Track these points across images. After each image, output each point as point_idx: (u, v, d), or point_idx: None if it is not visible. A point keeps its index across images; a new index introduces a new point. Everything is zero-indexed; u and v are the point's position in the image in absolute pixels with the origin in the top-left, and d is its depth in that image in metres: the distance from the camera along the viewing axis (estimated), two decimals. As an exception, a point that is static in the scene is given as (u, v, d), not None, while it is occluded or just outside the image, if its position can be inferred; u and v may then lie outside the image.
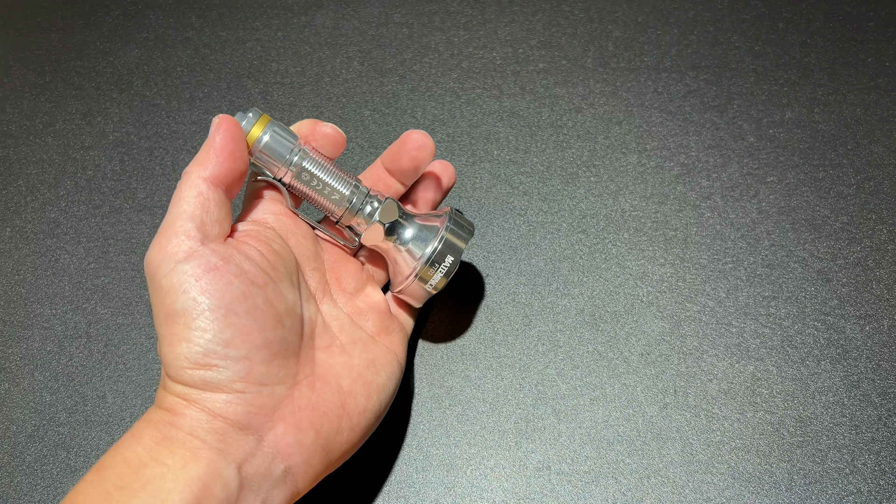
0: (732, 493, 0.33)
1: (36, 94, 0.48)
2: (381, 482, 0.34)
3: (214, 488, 0.25)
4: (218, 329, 0.26)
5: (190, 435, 0.26)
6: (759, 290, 0.38)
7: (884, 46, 0.46)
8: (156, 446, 0.26)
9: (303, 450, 0.28)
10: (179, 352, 0.26)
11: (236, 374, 0.26)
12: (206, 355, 0.26)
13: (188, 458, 0.25)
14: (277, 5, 0.51)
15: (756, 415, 0.35)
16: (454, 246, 0.32)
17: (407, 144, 0.33)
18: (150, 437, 0.26)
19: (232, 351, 0.26)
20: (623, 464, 0.34)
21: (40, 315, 0.39)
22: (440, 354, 0.37)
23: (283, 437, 0.27)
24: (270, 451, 0.27)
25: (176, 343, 0.26)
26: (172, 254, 0.27)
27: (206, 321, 0.26)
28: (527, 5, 0.50)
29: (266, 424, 0.27)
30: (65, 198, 0.44)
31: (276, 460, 0.27)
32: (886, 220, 0.40)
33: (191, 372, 0.26)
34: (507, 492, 0.33)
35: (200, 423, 0.26)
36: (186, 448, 0.26)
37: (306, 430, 0.28)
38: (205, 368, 0.26)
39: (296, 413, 0.28)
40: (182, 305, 0.26)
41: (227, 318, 0.26)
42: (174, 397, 0.27)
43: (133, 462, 0.25)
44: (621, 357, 0.36)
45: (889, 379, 0.35)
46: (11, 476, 0.35)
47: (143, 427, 0.27)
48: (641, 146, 0.43)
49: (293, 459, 0.28)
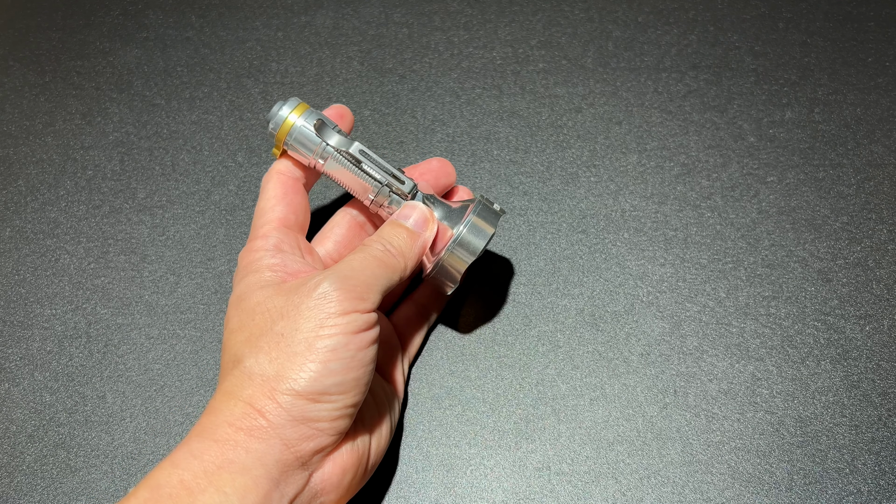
0: (732, 493, 0.33)
1: (36, 94, 0.48)
2: (382, 482, 0.34)
3: None
4: (344, 379, 0.27)
5: (259, 462, 0.26)
6: (759, 290, 0.38)
7: (884, 46, 0.46)
8: (217, 471, 0.25)
9: (340, 489, 0.29)
10: (300, 376, 0.27)
11: (330, 416, 0.27)
12: (322, 392, 0.27)
13: (249, 487, 0.25)
14: (277, 5, 0.51)
15: (756, 415, 0.35)
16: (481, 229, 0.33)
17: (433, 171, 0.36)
18: (213, 460, 0.26)
19: (342, 399, 0.27)
20: (623, 464, 0.34)
21: (40, 315, 0.39)
22: (440, 354, 0.37)
23: (329, 477, 0.28)
24: (315, 488, 0.28)
25: (303, 369, 0.27)
26: (359, 302, 0.28)
27: (340, 367, 0.27)
28: (527, 5, 0.50)
29: (319, 463, 0.28)
30: (65, 198, 0.44)
31: (316, 497, 0.28)
32: (886, 220, 0.40)
33: (294, 399, 0.27)
34: (507, 492, 0.33)
35: (273, 451, 0.26)
36: (250, 476, 0.26)
37: (348, 472, 0.29)
38: (312, 402, 0.27)
39: (343, 456, 0.29)
40: (333, 345, 0.27)
41: (356, 372, 0.28)
42: (258, 417, 0.26)
43: (191, 486, 0.25)
44: (621, 357, 0.36)
45: (889, 379, 0.35)
46: (11, 476, 0.35)
47: (208, 447, 0.26)
48: (641, 146, 0.43)
49: (329, 497, 0.28)
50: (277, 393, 0.27)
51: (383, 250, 0.30)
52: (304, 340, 0.27)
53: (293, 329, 0.27)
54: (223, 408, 0.27)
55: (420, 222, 0.32)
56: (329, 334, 0.27)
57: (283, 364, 0.27)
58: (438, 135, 0.44)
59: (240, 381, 0.27)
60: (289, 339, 0.27)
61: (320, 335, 0.27)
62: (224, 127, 0.46)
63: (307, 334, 0.27)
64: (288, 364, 0.27)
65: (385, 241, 0.31)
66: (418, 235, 0.32)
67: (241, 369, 0.28)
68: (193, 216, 0.42)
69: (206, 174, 0.44)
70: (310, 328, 0.27)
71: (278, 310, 0.28)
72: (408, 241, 0.31)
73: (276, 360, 0.27)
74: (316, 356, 0.27)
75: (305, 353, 0.27)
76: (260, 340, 0.28)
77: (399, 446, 0.35)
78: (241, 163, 0.44)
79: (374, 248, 0.30)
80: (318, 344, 0.27)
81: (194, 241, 0.41)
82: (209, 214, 0.42)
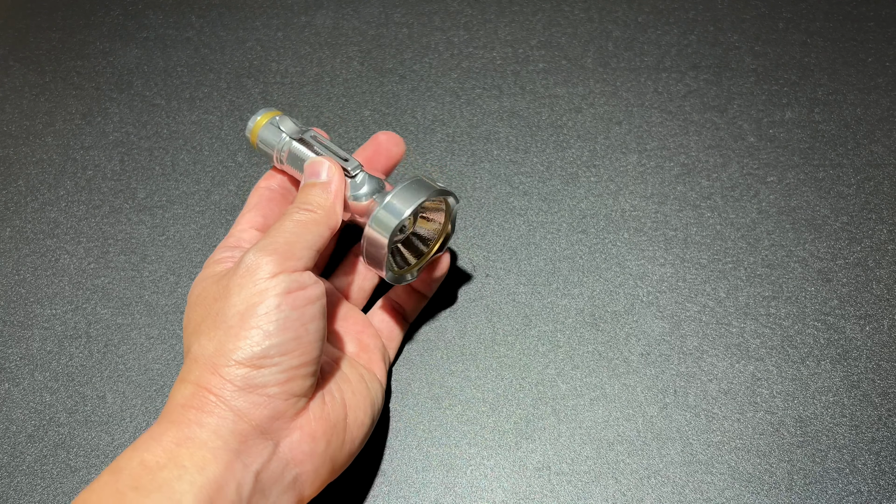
0: (732, 493, 0.33)
1: (36, 94, 0.48)
2: (382, 482, 0.34)
3: (228, 490, 0.26)
4: (283, 339, 0.28)
5: (214, 434, 0.26)
6: (759, 290, 0.38)
7: (884, 46, 0.46)
8: (176, 448, 0.26)
9: (314, 458, 0.29)
10: (237, 346, 0.27)
11: (277, 379, 0.27)
12: (262, 357, 0.27)
13: (208, 459, 0.26)
14: (277, 5, 0.51)
15: (756, 415, 0.35)
16: (406, 198, 0.32)
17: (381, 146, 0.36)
18: (172, 439, 0.26)
19: (286, 360, 0.28)
20: (623, 464, 0.34)
21: (40, 315, 0.39)
22: (440, 354, 0.37)
23: (298, 444, 0.28)
24: (285, 457, 0.28)
25: (240, 338, 0.27)
26: (285, 262, 0.29)
27: (276, 329, 0.27)
28: (527, 5, 0.50)
29: (284, 431, 0.28)
30: (65, 198, 0.44)
31: (288, 467, 0.28)
32: (886, 220, 0.40)
33: (235, 370, 0.27)
34: (507, 492, 0.33)
35: (226, 422, 0.27)
36: (207, 449, 0.26)
37: (319, 440, 0.29)
38: (255, 368, 0.27)
39: (311, 423, 0.29)
40: (265, 309, 0.28)
41: (296, 331, 0.28)
42: (206, 394, 0.27)
43: (150, 464, 0.26)
44: (621, 357, 0.36)
45: (889, 379, 0.35)
46: (11, 476, 0.35)
47: (166, 428, 0.27)
48: (641, 146, 0.43)
49: (304, 467, 0.28)
50: (220, 367, 0.27)
51: (300, 211, 0.31)
52: (237, 314, 0.28)
53: (226, 306, 0.28)
54: (176, 394, 0.28)
55: (324, 172, 0.33)
56: (259, 301, 0.28)
57: (221, 340, 0.28)
58: (438, 135, 0.44)
59: (188, 366, 0.28)
60: (223, 316, 0.28)
61: (251, 303, 0.28)
62: (224, 127, 0.46)
63: (239, 307, 0.28)
64: (225, 339, 0.27)
65: (300, 204, 0.31)
66: (329, 183, 0.32)
67: (189, 357, 0.28)
68: (193, 216, 0.42)
69: (206, 174, 0.44)
70: (241, 300, 0.28)
71: (213, 295, 0.29)
72: (321, 194, 0.32)
73: (214, 338, 0.28)
74: (249, 323, 0.27)
75: (240, 324, 0.27)
76: (201, 326, 0.29)
77: (399, 446, 0.35)
78: (241, 163, 0.44)
79: (291, 214, 0.31)
80: (251, 312, 0.28)
81: (194, 241, 0.41)
82: (209, 214, 0.42)
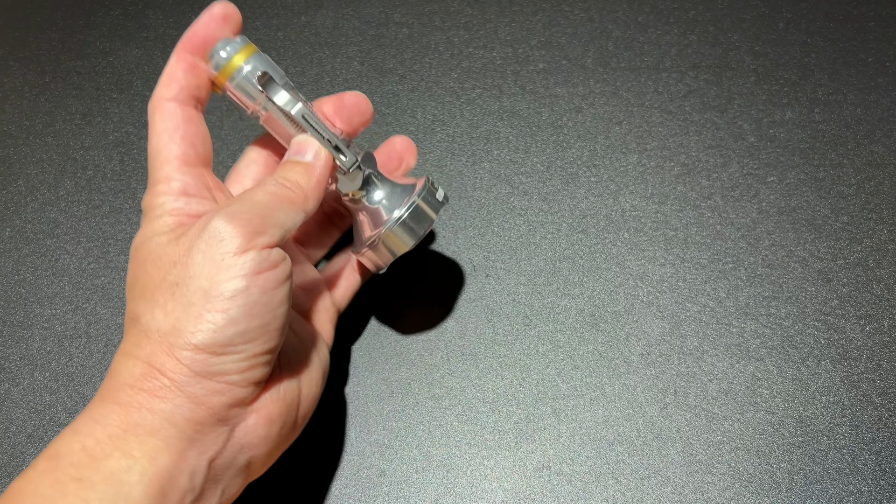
0: (732, 493, 0.33)
1: (36, 94, 0.48)
2: (382, 482, 0.34)
3: (181, 480, 0.24)
4: (249, 327, 0.25)
5: (167, 422, 0.24)
6: (760, 290, 0.38)
7: (884, 46, 0.46)
8: (123, 434, 0.24)
9: (269, 442, 0.27)
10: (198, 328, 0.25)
11: (239, 367, 0.25)
12: (225, 345, 0.25)
13: (160, 448, 0.24)
14: (277, 5, 0.51)
15: (756, 415, 0.35)
16: (424, 215, 0.31)
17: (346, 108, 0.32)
18: (118, 424, 0.24)
19: (249, 348, 0.25)
20: (623, 464, 0.34)
21: (40, 315, 0.39)
22: (440, 354, 0.37)
23: (253, 429, 0.26)
24: (239, 442, 0.26)
25: (201, 320, 0.25)
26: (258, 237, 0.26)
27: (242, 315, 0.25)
28: (527, 5, 0.50)
29: (240, 416, 0.26)
30: (65, 198, 0.44)
31: (242, 451, 0.26)
32: (886, 220, 0.40)
33: (194, 354, 0.24)
34: (507, 492, 0.33)
35: (181, 409, 0.24)
36: (160, 437, 0.24)
37: (275, 422, 0.27)
38: (215, 355, 0.25)
39: (268, 405, 0.27)
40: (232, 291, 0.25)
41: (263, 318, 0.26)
42: (159, 376, 0.24)
43: (95, 451, 0.23)
44: (621, 357, 0.36)
45: (889, 379, 0.35)
46: (11, 476, 0.35)
47: (110, 409, 0.24)
48: (641, 146, 0.43)
49: (258, 451, 0.27)
50: (176, 349, 0.24)
51: (278, 185, 0.28)
52: (199, 289, 0.25)
53: (187, 276, 0.25)
54: (122, 369, 0.25)
55: (310, 153, 0.30)
56: (226, 278, 0.25)
57: (179, 317, 0.25)
58: (438, 135, 0.44)
59: (137, 339, 0.25)
60: (183, 289, 0.25)
61: (217, 280, 0.25)
62: (224, 127, 0.46)
63: (202, 282, 0.25)
64: (184, 317, 0.25)
65: (279, 177, 0.29)
66: (314, 167, 0.30)
67: (137, 327, 0.25)
68: (193, 216, 0.42)
69: (206, 174, 0.44)
70: (205, 274, 0.25)
71: (170, 257, 0.26)
72: (304, 174, 0.29)
73: (171, 312, 0.25)
74: (213, 305, 0.24)
75: (202, 302, 0.24)
76: (155, 293, 0.25)
77: (399, 446, 0.35)
78: (241, 163, 0.44)
79: (268, 185, 0.28)
80: (215, 291, 0.24)
81: (194, 241, 0.41)
82: (209, 214, 0.42)
